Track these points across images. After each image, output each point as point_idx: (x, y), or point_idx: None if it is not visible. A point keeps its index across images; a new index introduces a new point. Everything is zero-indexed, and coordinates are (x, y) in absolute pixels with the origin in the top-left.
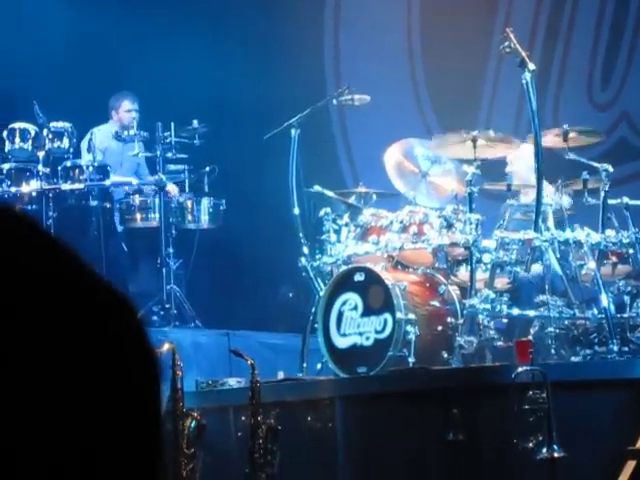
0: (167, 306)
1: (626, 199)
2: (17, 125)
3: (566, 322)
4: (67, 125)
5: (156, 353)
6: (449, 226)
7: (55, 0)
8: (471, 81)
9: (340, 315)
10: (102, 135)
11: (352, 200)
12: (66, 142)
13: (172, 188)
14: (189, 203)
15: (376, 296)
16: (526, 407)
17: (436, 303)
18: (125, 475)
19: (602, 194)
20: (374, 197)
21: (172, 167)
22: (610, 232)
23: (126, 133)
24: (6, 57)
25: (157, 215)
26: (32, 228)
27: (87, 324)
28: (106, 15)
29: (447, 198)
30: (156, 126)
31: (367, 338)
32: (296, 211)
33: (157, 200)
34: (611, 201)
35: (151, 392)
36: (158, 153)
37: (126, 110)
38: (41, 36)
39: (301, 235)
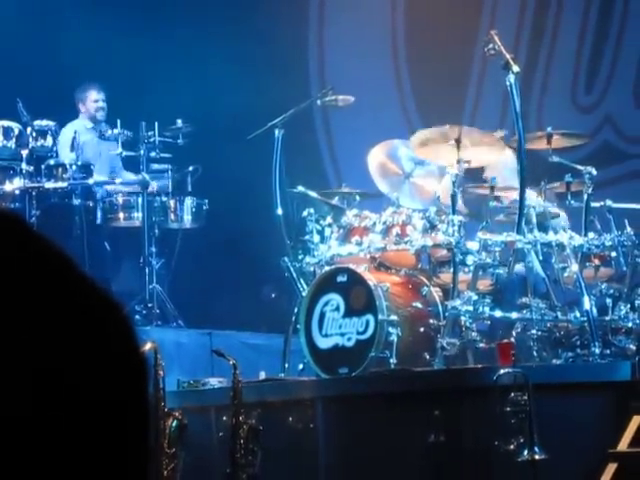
0: (149, 305)
1: (609, 202)
2: (0, 123)
3: (548, 324)
4: (51, 124)
5: (143, 353)
6: (432, 227)
7: None
8: (455, 82)
9: (322, 316)
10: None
11: (335, 201)
12: (50, 140)
13: (153, 187)
14: (172, 202)
15: (358, 297)
16: (508, 409)
17: (418, 304)
18: (116, 476)
19: (585, 197)
20: (357, 198)
21: (155, 166)
22: (593, 235)
23: (110, 132)
24: None
25: (140, 214)
26: (20, 226)
27: (76, 324)
28: (93, 15)
29: (430, 199)
30: (140, 125)
31: (349, 339)
32: (279, 211)
33: (140, 199)
34: (594, 204)
35: (139, 392)
36: (142, 152)
37: (93, 100)
38: (28, 34)
39: (284, 235)
